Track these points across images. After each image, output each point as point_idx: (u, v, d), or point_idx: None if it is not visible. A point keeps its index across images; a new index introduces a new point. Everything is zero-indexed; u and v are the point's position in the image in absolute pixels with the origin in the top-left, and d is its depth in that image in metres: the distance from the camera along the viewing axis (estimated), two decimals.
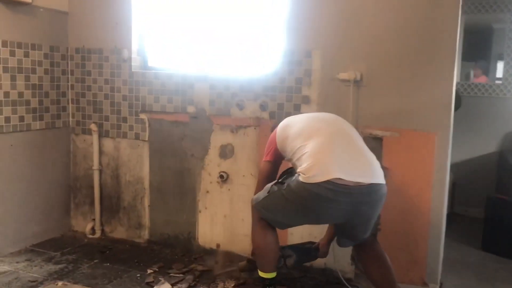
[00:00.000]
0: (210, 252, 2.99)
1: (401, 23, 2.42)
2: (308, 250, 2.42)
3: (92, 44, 3.20)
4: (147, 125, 3.10)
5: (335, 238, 2.28)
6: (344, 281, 2.57)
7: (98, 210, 3.29)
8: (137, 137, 3.14)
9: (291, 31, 2.65)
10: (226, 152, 2.90)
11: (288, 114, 2.68)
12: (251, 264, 2.47)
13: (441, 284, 2.57)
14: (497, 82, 4.12)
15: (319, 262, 2.69)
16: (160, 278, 2.60)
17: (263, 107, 2.77)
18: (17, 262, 2.81)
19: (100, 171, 3.27)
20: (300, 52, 2.64)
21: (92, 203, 3.32)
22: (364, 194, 1.89)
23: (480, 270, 2.94)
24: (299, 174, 1.92)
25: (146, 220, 3.19)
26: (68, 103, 3.31)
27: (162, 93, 3.03)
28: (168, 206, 3.11)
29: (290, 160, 2.10)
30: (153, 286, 2.51)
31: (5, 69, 2.84)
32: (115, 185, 3.25)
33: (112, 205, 3.28)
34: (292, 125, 2.15)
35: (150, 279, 2.60)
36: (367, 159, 1.97)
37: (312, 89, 2.63)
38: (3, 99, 2.84)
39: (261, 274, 2.18)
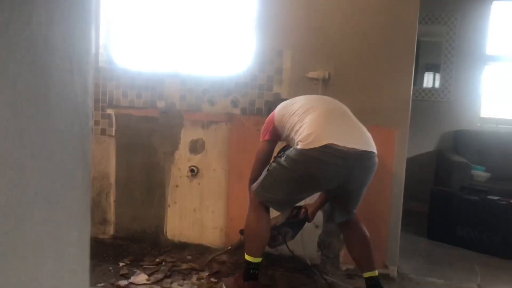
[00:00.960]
0: (178, 246, 3.03)
1: (367, 28, 2.64)
2: (300, 223, 2.57)
3: None
4: (114, 120, 3.10)
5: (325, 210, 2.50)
6: (312, 267, 2.74)
7: None
8: (103, 132, 3.12)
9: (263, 31, 2.80)
10: (197, 147, 2.98)
11: (260, 110, 2.83)
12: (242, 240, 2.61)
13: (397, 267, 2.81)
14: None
15: (287, 250, 2.83)
16: (134, 270, 2.62)
17: (234, 103, 2.88)
18: None
19: None
20: (271, 51, 2.79)
21: None
22: (358, 159, 2.08)
23: (429, 255, 3.24)
24: (297, 144, 2.09)
25: (111, 216, 3.17)
26: None
27: (131, 88, 3.04)
28: (135, 201, 3.11)
29: (287, 137, 2.25)
30: (129, 277, 2.52)
31: None
32: None
33: None
34: (290, 104, 2.30)
35: (125, 271, 2.61)
36: (361, 130, 2.18)
37: (283, 86, 2.78)
38: None
39: (247, 257, 2.28)
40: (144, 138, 3.06)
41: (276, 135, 2.37)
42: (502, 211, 3.26)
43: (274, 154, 2.41)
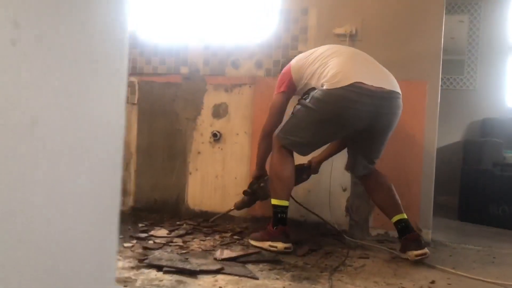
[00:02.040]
0: (199, 215, 2.92)
1: None
2: (302, 168, 2.47)
3: None
4: (136, 87, 3.07)
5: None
6: (340, 232, 2.60)
7: None
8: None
9: None
10: (219, 111, 2.92)
11: None
12: (247, 199, 2.55)
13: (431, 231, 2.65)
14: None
15: (313, 215, 2.71)
16: (154, 227, 2.52)
17: (258, 64, 2.84)
18: None
19: None
20: (296, 10, 2.76)
21: None
22: (385, 98, 2.02)
23: (462, 231, 3.07)
24: (322, 85, 2.02)
25: (131, 186, 3.09)
26: None
27: (155, 55, 3.03)
28: (156, 170, 3.04)
29: (304, 86, 2.18)
30: (149, 231, 2.42)
31: None
32: None
33: None
34: (309, 54, 2.25)
35: (144, 228, 2.50)
36: (387, 73, 2.13)
37: (308, 45, 2.73)
38: None
39: (274, 201, 2.18)
40: (166, 105, 3.01)
41: (293, 87, 2.31)
42: None
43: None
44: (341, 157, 2.62)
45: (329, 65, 2.08)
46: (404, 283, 1.82)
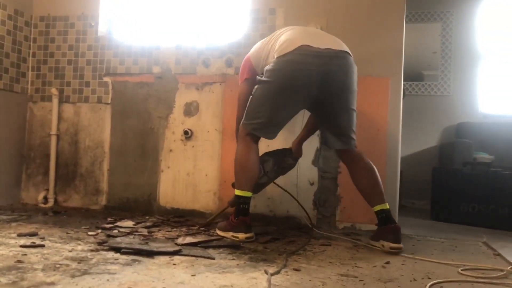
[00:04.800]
0: (171, 212, 2.94)
1: None
2: (282, 151, 2.48)
3: (58, 12, 3.25)
4: (110, 88, 3.13)
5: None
6: (308, 225, 2.62)
7: (53, 178, 3.17)
8: (99, 100, 3.14)
9: None
10: (191, 109, 2.97)
11: None
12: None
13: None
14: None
15: (281, 210, 2.74)
16: (122, 220, 2.53)
17: (228, 63, 2.90)
18: None
19: (58, 138, 3.20)
20: (264, 10, 2.85)
21: (46, 174, 3.20)
22: (333, 57, 2.07)
23: (432, 227, 3.10)
24: (273, 57, 2.10)
25: (104, 185, 3.11)
26: (28, 70, 3.27)
27: (128, 55, 3.10)
28: (128, 168, 3.07)
29: (263, 66, 2.21)
30: (116, 223, 2.43)
31: None
32: (73, 151, 3.18)
33: (68, 173, 3.18)
34: (263, 40, 2.33)
35: (111, 220, 2.52)
36: (336, 38, 2.18)
37: None
38: None
39: (237, 192, 2.20)
40: (139, 104, 3.06)
41: (254, 72, 2.34)
42: (508, 182, 3.15)
43: None
44: (308, 152, 2.67)
45: (278, 40, 2.17)
46: (359, 264, 1.85)
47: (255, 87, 2.21)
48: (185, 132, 2.95)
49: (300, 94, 2.13)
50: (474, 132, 4.17)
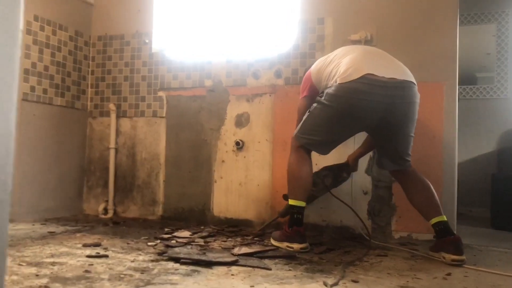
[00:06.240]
0: (224, 222, 3.00)
1: None
2: (340, 166, 2.50)
3: (115, 31, 3.42)
4: (164, 102, 3.24)
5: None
6: (362, 235, 2.59)
7: (112, 190, 3.32)
8: (154, 114, 3.26)
9: (305, 2, 2.89)
10: (242, 120, 3.02)
11: (302, 79, 2.84)
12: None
13: None
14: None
15: (335, 219, 2.73)
16: (178, 230, 2.61)
17: (278, 74, 2.94)
18: (33, 225, 2.81)
19: (116, 151, 3.34)
20: (313, 20, 2.86)
21: (105, 186, 3.35)
22: (398, 88, 2.03)
23: (493, 236, 2.97)
24: (335, 81, 2.07)
25: (160, 196, 3.22)
26: (87, 87, 3.45)
27: (181, 70, 3.20)
28: (183, 179, 3.16)
29: (324, 88, 2.20)
30: (173, 233, 2.51)
31: (35, 41, 3.01)
32: (130, 164, 3.31)
33: (126, 185, 3.32)
34: (326, 57, 2.31)
35: (169, 231, 2.60)
36: (400, 64, 2.14)
37: (325, 52, 2.79)
38: (30, 68, 2.98)
39: (291, 202, 2.22)
40: (192, 117, 3.15)
41: (314, 91, 2.36)
42: None
43: None
44: (361, 160, 2.65)
45: (342, 63, 2.13)
46: (418, 275, 1.81)
47: (314, 105, 2.22)
48: (237, 143, 3.00)
49: (359, 122, 2.15)
50: None
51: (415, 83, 2.09)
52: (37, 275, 1.61)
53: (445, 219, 2.13)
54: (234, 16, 3.14)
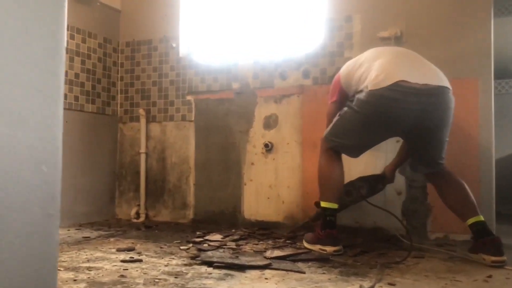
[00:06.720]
0: (255, 224, 2.98)
1: None
2: (376, 178, 2.46)
3: (142, 37, 3.45)
4: (193, 105, 3.25)
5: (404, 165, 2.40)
6: (399, 236, 2.53)
7: (143, 194, 3.35)
8: (183, 118, 3.28)
9: (331, 0, 2.85)
10: (270, 122, 3.00)
11: (331, 78, 2.80)
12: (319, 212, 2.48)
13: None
14: None
15: (368, 221, 2.68)
16: (210, 233, 2.61)
17: (305, 74, 2.91)
18: (68, 230, 2.86)
19: (146, 156, 3.38)
20: (340, 18, 2.82)
21: (136, 190, 3.39)
22: (432, 95, 1.96)
23: None
24: (366, 87, 2.02)
25: (191, 199, 3.23)
26: (117, 93, 3.50)
27: (208, 74, 3.21)
28: (213, 182, 3.16)
29: (355, 92, 2.16)
30: (205, 236, 2.51)
31: (65, 50, 3.07)
32: (161, 168, 3.34)
33: (157, 189, 3.35)
34: (355, 60, 2.26)
35: (201, 234, 2.60)
36: (433, 68, 2.07)
37: (354, 50, 2.77)
38: None
39: (323, 204, 2.20)
40: (220, 120, 3.15)
41: (344, 95, 2.31)
42: None
43: None
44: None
45: (373, 67, 2.08)
46: (457, 277, 1.75)
47: (345, 109, 2.18)
48: (266, 145, 2.98)
49: (391, 129, 2.12)
50: None
51: (450, 88, 2.03)
52: (75, 280, 1.64)
53: (482, 219, 2.06)
54: (260, 16, 3.12)
